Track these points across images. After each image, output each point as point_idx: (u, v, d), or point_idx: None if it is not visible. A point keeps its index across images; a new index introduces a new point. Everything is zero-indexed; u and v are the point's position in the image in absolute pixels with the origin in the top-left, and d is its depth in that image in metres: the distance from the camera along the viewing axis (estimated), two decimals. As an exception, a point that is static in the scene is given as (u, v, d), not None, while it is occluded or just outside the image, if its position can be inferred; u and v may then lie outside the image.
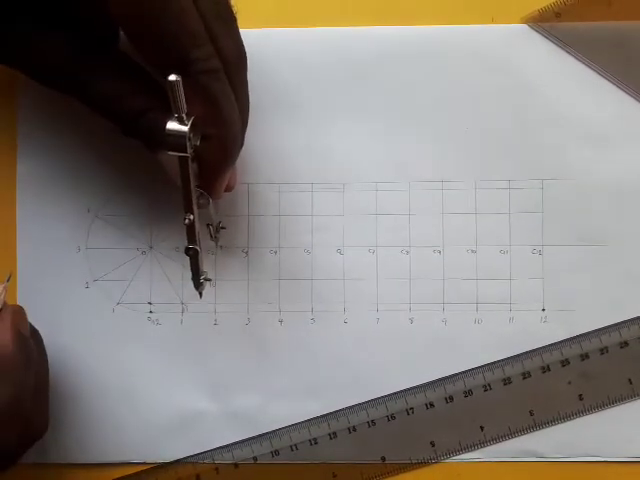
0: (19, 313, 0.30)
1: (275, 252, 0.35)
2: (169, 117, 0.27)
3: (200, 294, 0.32)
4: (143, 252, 0.35)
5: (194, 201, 0.29)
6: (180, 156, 0.27)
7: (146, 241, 0.35)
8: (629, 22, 0.34)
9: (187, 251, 0.30)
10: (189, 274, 0.31)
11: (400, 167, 0.34)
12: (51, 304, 0.35)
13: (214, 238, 0.34)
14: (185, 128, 0.27)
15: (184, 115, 0.26)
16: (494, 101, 0.34)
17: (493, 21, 0.34)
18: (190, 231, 0.30)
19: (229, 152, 0.29)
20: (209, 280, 0.32)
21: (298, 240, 0.34)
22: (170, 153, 0.27)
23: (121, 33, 0.30)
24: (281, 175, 0.35)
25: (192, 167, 0.28)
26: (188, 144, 0.27)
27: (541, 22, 0.34)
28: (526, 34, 0.34)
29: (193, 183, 0.29)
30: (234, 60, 0.28)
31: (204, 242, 0.33)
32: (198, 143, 0.28)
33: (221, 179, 0.30)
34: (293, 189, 0.35)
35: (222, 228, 0.34)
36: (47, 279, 0.35)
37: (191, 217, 0.29)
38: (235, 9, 0.28)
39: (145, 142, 0.31)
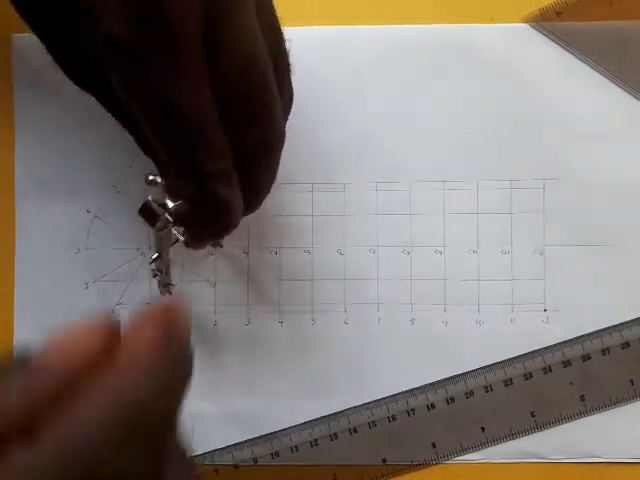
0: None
1: (275, 252, 0.34)
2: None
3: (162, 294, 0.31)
4: (142, 253, 0.35)
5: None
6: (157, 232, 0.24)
7: (145, 242, 0.35)
8: (630, 21, 0.34)
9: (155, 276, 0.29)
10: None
11: (401, 167, 0.34)
12: (50, 305, 0.34)
13: (214, 244, 0.34)
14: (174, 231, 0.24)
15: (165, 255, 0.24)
16: (495, 101, 0.34)
17: (493, 21, 0.34)
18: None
19: (224, 235, 0.28)
20: (172, 285, 0.31)
21: (298, 240, 0.34)
22: (154, 230, 0.24)
23: None
24: (281, 175, 0.34)
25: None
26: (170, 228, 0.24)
27: (542, 21, 0.34)
28: (527, 33, 0.34)
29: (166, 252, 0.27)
30: (261, 150, 0.24)
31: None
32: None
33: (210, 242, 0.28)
34: (293, 189, 0.34)
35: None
36: (46, 280, 0.34)
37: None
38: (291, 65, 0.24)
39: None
